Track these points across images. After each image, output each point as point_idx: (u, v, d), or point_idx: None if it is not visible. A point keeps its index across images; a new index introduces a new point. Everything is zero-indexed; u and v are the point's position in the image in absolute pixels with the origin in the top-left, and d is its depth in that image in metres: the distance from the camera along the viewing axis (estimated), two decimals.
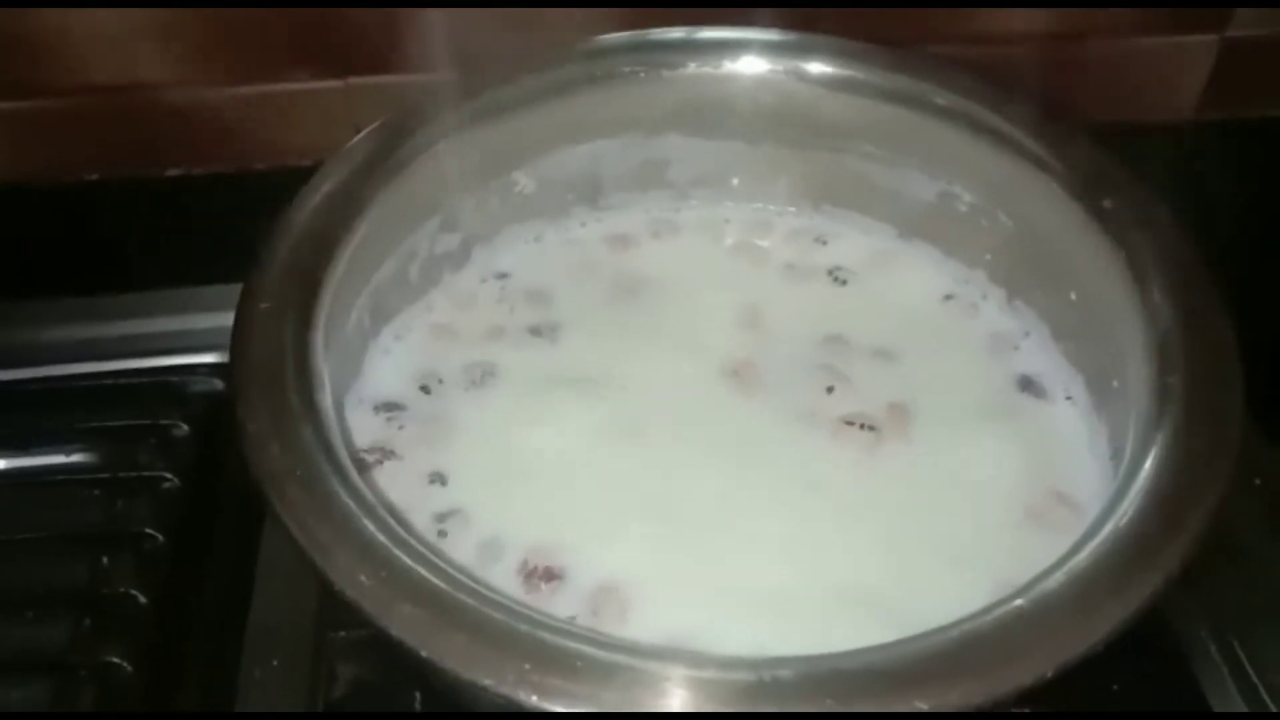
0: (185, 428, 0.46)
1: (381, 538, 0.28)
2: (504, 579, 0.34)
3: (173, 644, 0.41)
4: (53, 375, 0.49)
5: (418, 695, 0.39)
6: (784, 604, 0.34)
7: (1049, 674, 0.26)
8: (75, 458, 0.45)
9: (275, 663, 0.39)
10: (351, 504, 0.29)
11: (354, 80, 0.57)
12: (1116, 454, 0.35)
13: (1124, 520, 0.29)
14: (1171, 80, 0.62)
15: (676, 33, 0.43)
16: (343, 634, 0.40)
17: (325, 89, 0.57)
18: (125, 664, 0.39)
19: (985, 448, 0.38)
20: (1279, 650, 0.40)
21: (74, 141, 0.58)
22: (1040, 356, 0.41)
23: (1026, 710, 0.38)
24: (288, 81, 0.57)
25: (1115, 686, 0.40)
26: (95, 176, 0.59)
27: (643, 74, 0.42)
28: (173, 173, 0.60)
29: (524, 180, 0.44)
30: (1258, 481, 0.44)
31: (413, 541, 0.28)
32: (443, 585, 0.27)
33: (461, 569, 0.28)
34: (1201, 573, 0.41)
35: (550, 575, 0.34)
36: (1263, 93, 0.63)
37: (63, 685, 0.39)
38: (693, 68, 0.42)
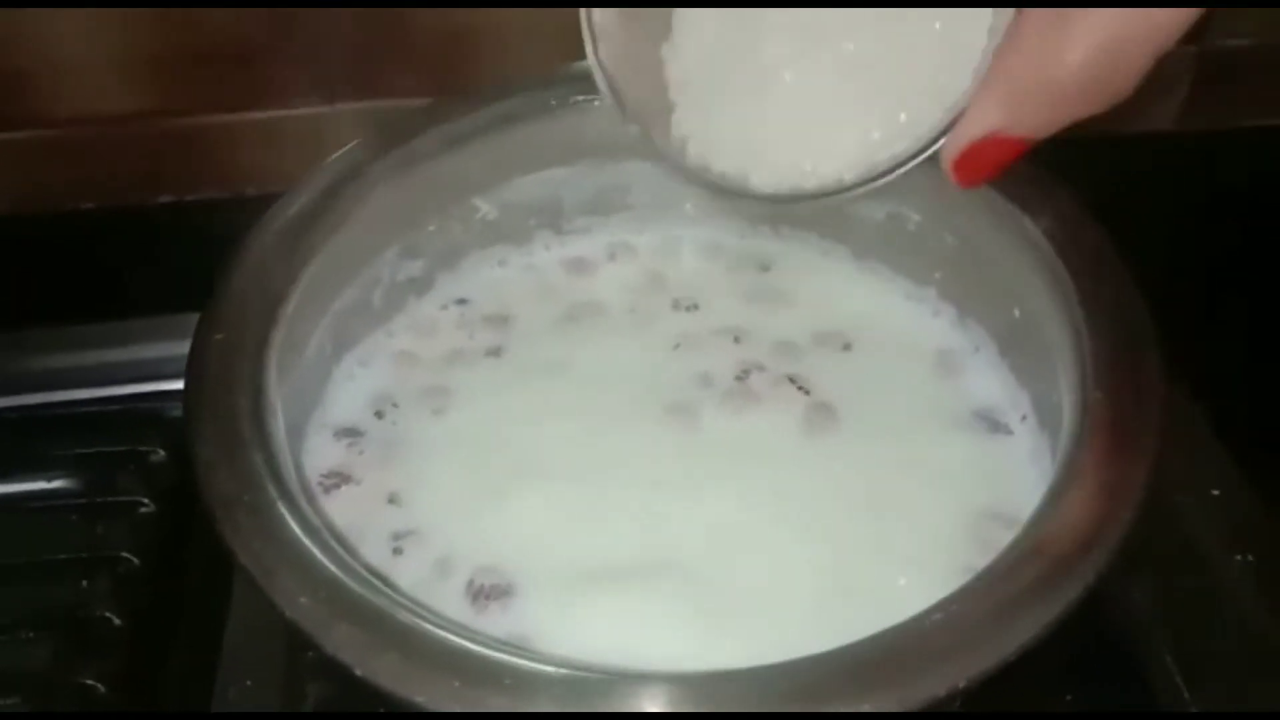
0: (162, 453, 0.48)
1: (323, 560, 0.29)
2: (453, 597, 0.35)
3: (148, 666, 0.42)
4: (33, 403, 0.50)
5: (381, 711, 0.40)
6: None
7: (961, 684, 0.27)
8: (55, 484, 0.47)
9: (249, 682, 0.40)
10: (296, 528, 0.30)
11: (341, 105, 0.58)
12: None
13: (1044, 534, 0.30)
14: (1153, 91, 0.62)
15: None
16: (312, 654, 0.41)
17: (313, 114, 0.58)
18: (101, 685, 0.40)
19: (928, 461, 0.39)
20: (1235, 662, 0.41)
21: (64, 171, 0.59)
22: (988, 374, 0.42)
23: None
24: (276, 108, 0.58)
25: (1069, 697, 0.40)
26: (89, 205, 0.60)
27: (598, 102, 0.43)
28: (164, 199, 0.61)
29: (485, 206, 0.45)
30: (1216, 493, 0.45)
31: (353, 563, 0.29)
32: (380, 605, 0.28)
33: (400, 590, 0.29)
34: (1160, 584, 0.42)
35: (498, 593, 0.35)
36: (1243, 102, 0.63)
37: (39, 707, 0.40)
38: None
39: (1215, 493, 0.45)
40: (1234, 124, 0.64)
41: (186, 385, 0.33)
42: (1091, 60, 0.28)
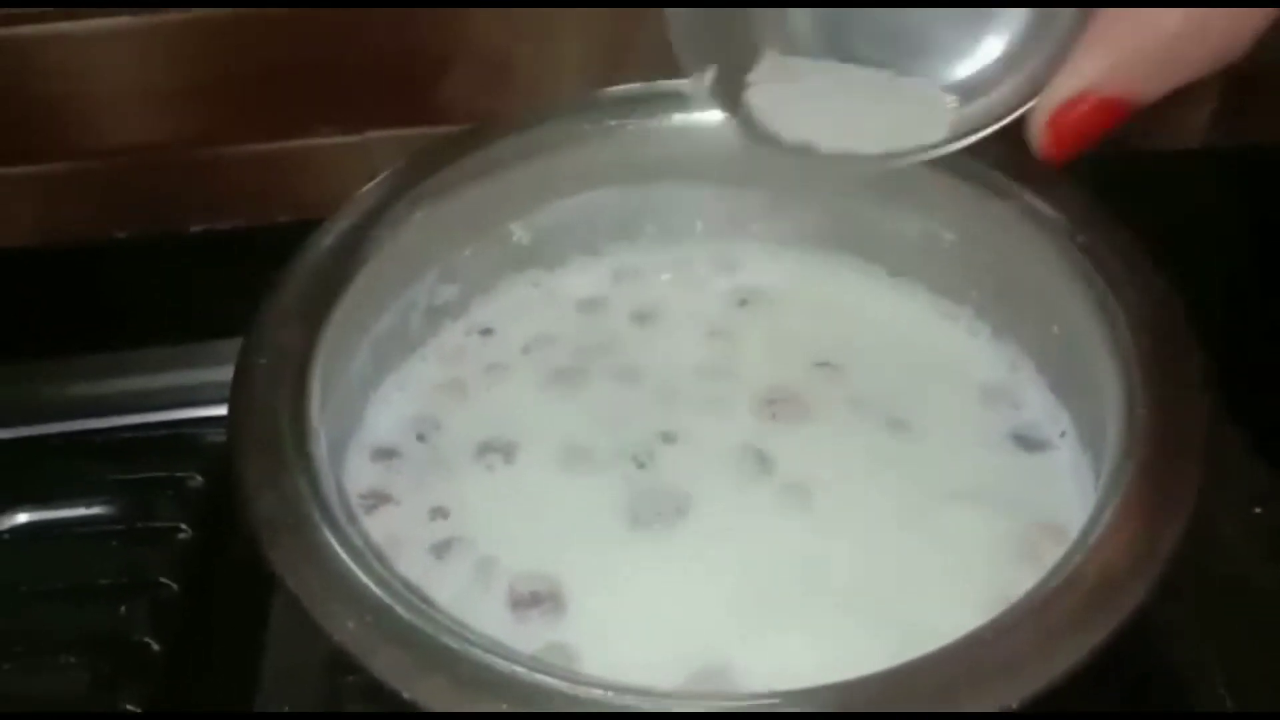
0: (200, 479, 0.48)
1: (369, 583, 0.29)
2: (495, 607, 0.35)
3: (186, 691, 0.42)
4: (74, 430, 0.51)
5: None
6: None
7: (1014, 705, 0.26)
8: (95, 510, 0.47)
9: (287, 708, 0.40)
10: (341, 551, 0.30)
11: (371, 134, 0.58)
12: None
13: (1092, 554, 0.29)
14: (1180, 108, 0.62)
15: (662, 86, 0.44)
16: (352, 679, 0.41)
17: (344, 144, 0.59)
18: (139, 710, 0.40)
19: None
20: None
21: (99, 201, 0.60)
22: (1028, 391, 0.42)
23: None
24: (307, 137, 0.59)
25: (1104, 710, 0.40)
26: (122, 235, 0.61)
27: (631, 126, 0.43)
28: (196, 229, 0.61)
29: (520, 232, 0.45)
30: (1258, 510, 0.45)
31: (399, 586, 0.29)
32: (426, 628, 0.28)
33: (445, 611, 0.29)
34: (1203, 601, 0.42)
35: (538, 600, 0.35)
36: (1271, 120, 0.63)
37: None
38: (677, 118, 0.43)
39: (1258, 510, 0.45)
40: (1262, 140, 0.63)
41: (230, 410, 0.34)
42: (1199, 18, 0.27)
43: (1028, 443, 0.40)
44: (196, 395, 0.51)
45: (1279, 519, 0.44)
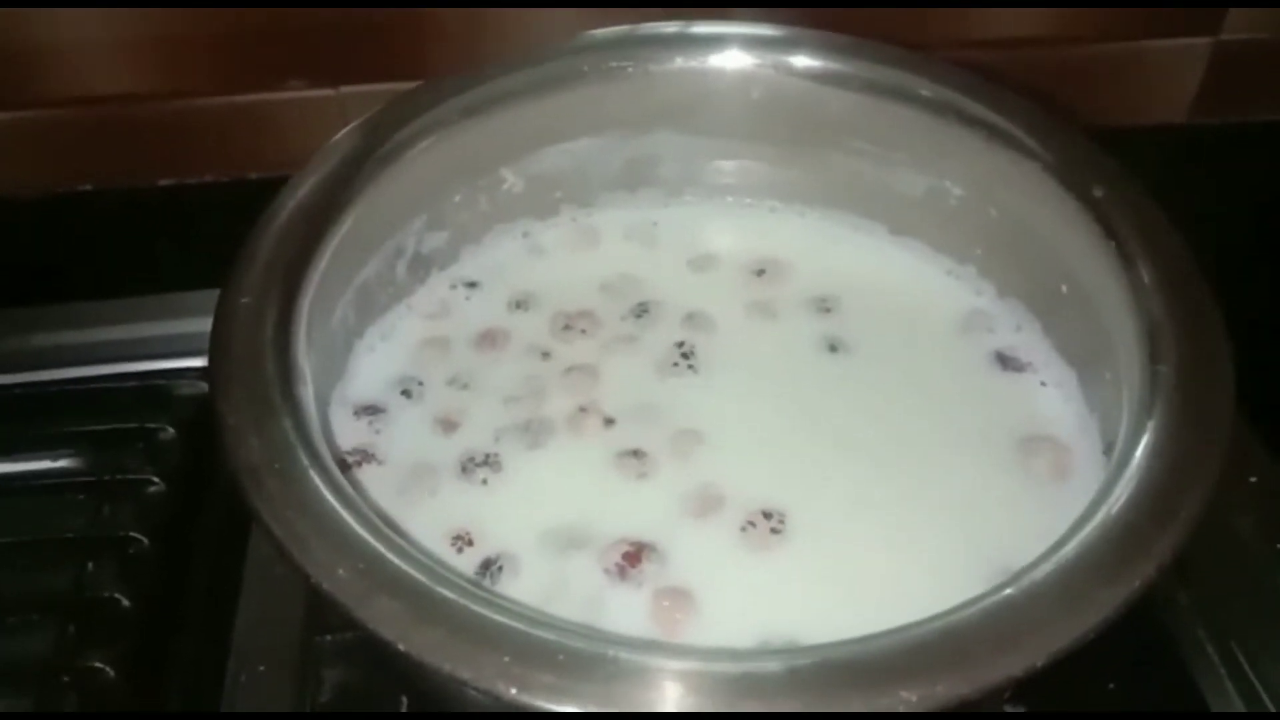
0: (171, 431, 0.46)
1: (360, 530, 0.28)
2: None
3: (157, 649, 0.40)
4: (40, 381, 0.49)
5: (404, 699, 0.38)
6: None
7: (1039, 664, 0.25)
8: (62, 463, 0.45)
9: (262, 668, 0.39)
10: (330, 497, 0.28)
11: (345, 89, 0.57)
12: (1109, 448, 0.35)
13: (1115, 509, 0.28)
14: (1165, 84, 0.62)
15: (664, 27, 0.42)
16: (329, 638, 0.40)
17: (317, 97, 0.57)
18: (108, 669, 0.39)
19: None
20: (1277, 648, 0.40)
21: (66, 153, 0.58)
22: (1033, 352, 0.41)
23: (1023, 710, 0.37)
24: (280, 90, 0.57)
25: (1111, 685, 0.39)
26: (88, 187, 0.59)
27: (630, 69, 0.42)
28: (165, 182, 0.59)
29: (512, 178, 0.43)
30: (1254, 479, 0.44)
31: (391, 534, 0.28)
32: (423, 578, 0.27)
33: (440, 562, 0.28)
34: (1198, 571, 0.41)
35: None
36: (1256, 96, 0.63)
37: (45, 691, 0.38)
38: (679, 62, 0.42)
39: (1253, 479, 0.44)
40: (1246, 118, 0.63)
41: (211, 350, 0.32)
42: None
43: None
44: (169, 346, 0.49)
45: (1273, 487, 0.44)
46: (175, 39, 0.54)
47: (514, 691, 0.25)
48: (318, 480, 0.29)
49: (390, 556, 0.27)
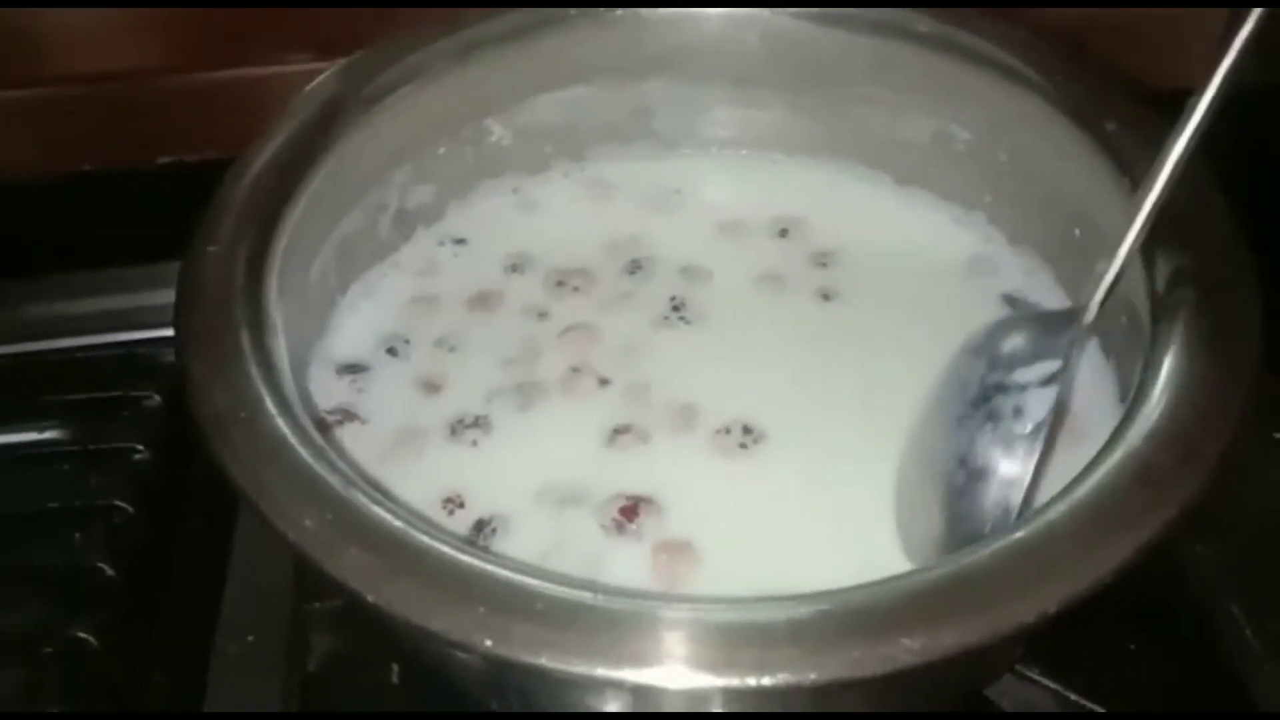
0: (157, 399, 0.45)
1: (330, 480, 0.26)
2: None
3: (144, 619, 0.40)
4: (24, 352, 0.48)
5: (395, 668, 0.37)
6: None
7: (1051, 610, 0.24)
8: (47, 433, 0.44)
9: (250, 638, 0.38)
10: (298, 446, 0.27)
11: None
12: (1124, 395, 0.33)
13: (1132, 449, 0.26)
14: (1181, 47, 0.60)
15: None
16: (318, 605, 0.39)
17: (317, 71, 0.56)
18: (94, 640, 0.38)
19: None
20: None
21: (63, 131, 0.57)
22: (1045, 299, 0.39)
23: (1036, 672, 0.36)
24: (278, 65, 0.56)
25: (1132, 646, 0.38)
26: (85, 166, 0.58)
27: (620, 13, 0.40)
28: (164, 160, 0.58)
29: (499, 130, 0.42)
30: (1278, 435, 0.42)
31: (362, 483, 0.26)
32: (394, 527, 0.25)
33: (413, 510, 0.26)
34: (1219, 529, 0.40)
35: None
36: (1274, 59, 0.61)
37: (30, 662, 0.37)
38: (674, 6, 0.40)
39: (1277, 435, 0.42)
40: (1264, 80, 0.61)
41: (178, 298, 0.31)
42: None
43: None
44: (154, 316, 0.48)
45: None
46: (176, 13, 0.53)
47: (489, 644, 0.23)
48: (285, 429, 0.27)
49: (360, 506, 0.26)
